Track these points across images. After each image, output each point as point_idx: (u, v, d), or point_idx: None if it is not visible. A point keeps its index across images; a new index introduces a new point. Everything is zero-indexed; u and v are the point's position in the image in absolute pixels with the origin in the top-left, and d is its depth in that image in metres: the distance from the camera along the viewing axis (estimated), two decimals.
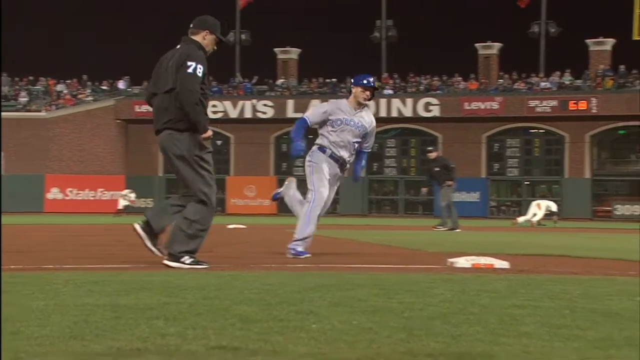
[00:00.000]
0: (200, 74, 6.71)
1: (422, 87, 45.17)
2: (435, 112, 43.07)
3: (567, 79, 43.49)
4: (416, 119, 43.63)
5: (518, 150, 43.15)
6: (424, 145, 43.85)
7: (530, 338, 3.28)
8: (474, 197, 41.80)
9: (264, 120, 44.01)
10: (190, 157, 6.80)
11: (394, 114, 43.70)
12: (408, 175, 43.41)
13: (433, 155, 21.61)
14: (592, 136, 41.95)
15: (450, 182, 20.27)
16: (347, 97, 8.81)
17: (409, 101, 43.63)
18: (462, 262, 7.28)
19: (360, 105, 8.66)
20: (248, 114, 44.03)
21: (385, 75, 46.54)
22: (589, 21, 46.23)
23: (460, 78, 45.17)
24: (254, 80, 46.66)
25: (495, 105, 42.49)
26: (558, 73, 43.76)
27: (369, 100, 8.69)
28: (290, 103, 43.84)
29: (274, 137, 45.04)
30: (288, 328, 3.43)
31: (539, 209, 27.23)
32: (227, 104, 44.68)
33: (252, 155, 44.55)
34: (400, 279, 5.75)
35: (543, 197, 29.66)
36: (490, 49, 45.74)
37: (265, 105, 44.18)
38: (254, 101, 44.10)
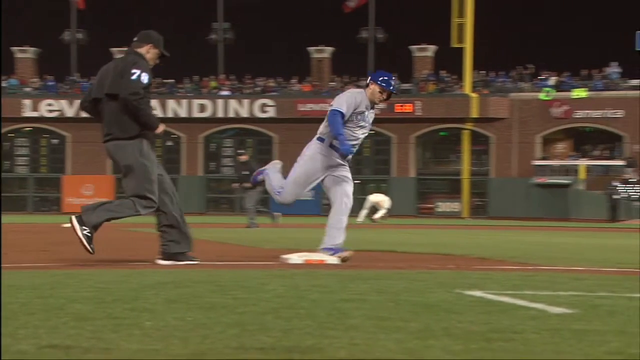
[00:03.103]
0: (144, 81, 6.95)
1: (258, 89, 45.77)
2: (271, 113, 43.88)
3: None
4: (252, 119, 44.25)
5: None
6: (260, 145, 44.77)
7: (356, 330, 3.38)
8: (307, 195, 42.45)
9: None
10: (136, 165, 7.05)
11: (231, 114, 44.18)
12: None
13: (243, 158, 21.59)
14: (416, 137, 43.93)
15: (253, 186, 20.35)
16: (363, 89, 7.93)
17: (246, 102, 44.17)
18: (295, 258, 7.47)
19: (372, 104, 7.88)
20: (85, 113, 43.49)
21: (222, 76, 46.77)
22: (412, 28, 48.19)
23: (296, 80, 46.11)
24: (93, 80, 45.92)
25: (327, 107, 43.46)
26: None
27: (384, 101, 7.99)
28: None
29: None
30: (122, 325, 3.43)
31: (381, 206, 27.95)
32: (64, 102, 44.07)
33: (90, 155, 43.91)
34: (235, 276, 5.84)
35: (371, 193, 30.39)
36: (322, 53, 46.96)
37: None
38: None
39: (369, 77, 7.93)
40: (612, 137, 43.63)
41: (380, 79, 7.81)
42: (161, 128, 7.15)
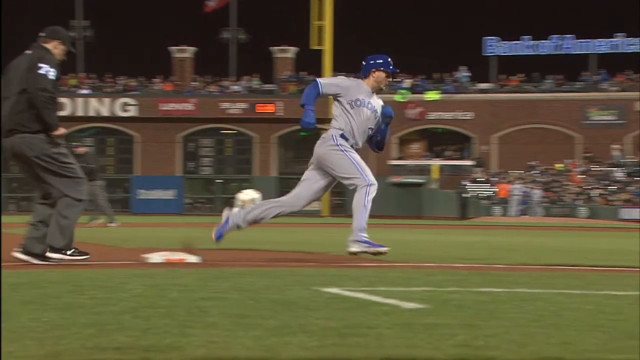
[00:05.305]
0: (51, 77, 6.80)
1: (119, 88, 45.14)
2: (133, 112, 43.38)
3: (256, 83, 45.63)
4: (114, 118, 43.60)
5: (212, 150, 44.71)
6: (121, 144, 44.13)
7: (215, 328, 3.41)
8: (169, 194, 42.31)
9: None
10: (48, 156, 6.84)
11: (91, 113, 43.51)
12: (105, 174, 43.11)
13: (80, 150, 21.09)
14: (278, 137, 44.36)
15: (90, 180, 20.00)
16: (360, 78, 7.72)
17: (107, 101, 43.61)
18: (156, 257, 7.42)
19: (374, 90, 7.72)
20: None
21: (82, 74, 45.79)
22: (273, 30, 48.59)
23: (158, 79, 45.72)
24: None
25: (189, 106, 43.47)
26: (248, 77, 45.72)
27: (388, 84, 7.66)
28: None
29: None
30: None
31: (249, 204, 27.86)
32: None
33: None
34: (94, 275, 5.76)
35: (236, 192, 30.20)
36: (184, 53, 46.71)
37: None
38: None
39: (367, 67, 7.69)
40: (463, 138, 45.38)
41: (376, 63, 7.65)
42: (60, 131, 6.98)
